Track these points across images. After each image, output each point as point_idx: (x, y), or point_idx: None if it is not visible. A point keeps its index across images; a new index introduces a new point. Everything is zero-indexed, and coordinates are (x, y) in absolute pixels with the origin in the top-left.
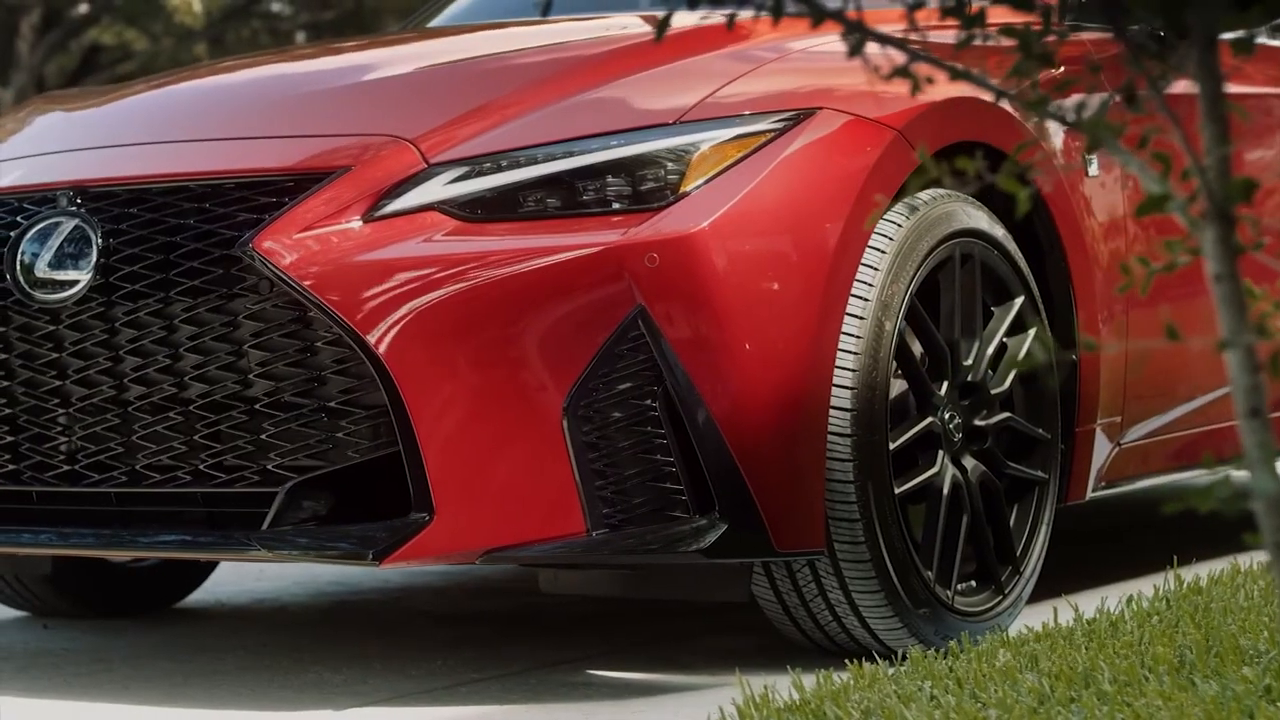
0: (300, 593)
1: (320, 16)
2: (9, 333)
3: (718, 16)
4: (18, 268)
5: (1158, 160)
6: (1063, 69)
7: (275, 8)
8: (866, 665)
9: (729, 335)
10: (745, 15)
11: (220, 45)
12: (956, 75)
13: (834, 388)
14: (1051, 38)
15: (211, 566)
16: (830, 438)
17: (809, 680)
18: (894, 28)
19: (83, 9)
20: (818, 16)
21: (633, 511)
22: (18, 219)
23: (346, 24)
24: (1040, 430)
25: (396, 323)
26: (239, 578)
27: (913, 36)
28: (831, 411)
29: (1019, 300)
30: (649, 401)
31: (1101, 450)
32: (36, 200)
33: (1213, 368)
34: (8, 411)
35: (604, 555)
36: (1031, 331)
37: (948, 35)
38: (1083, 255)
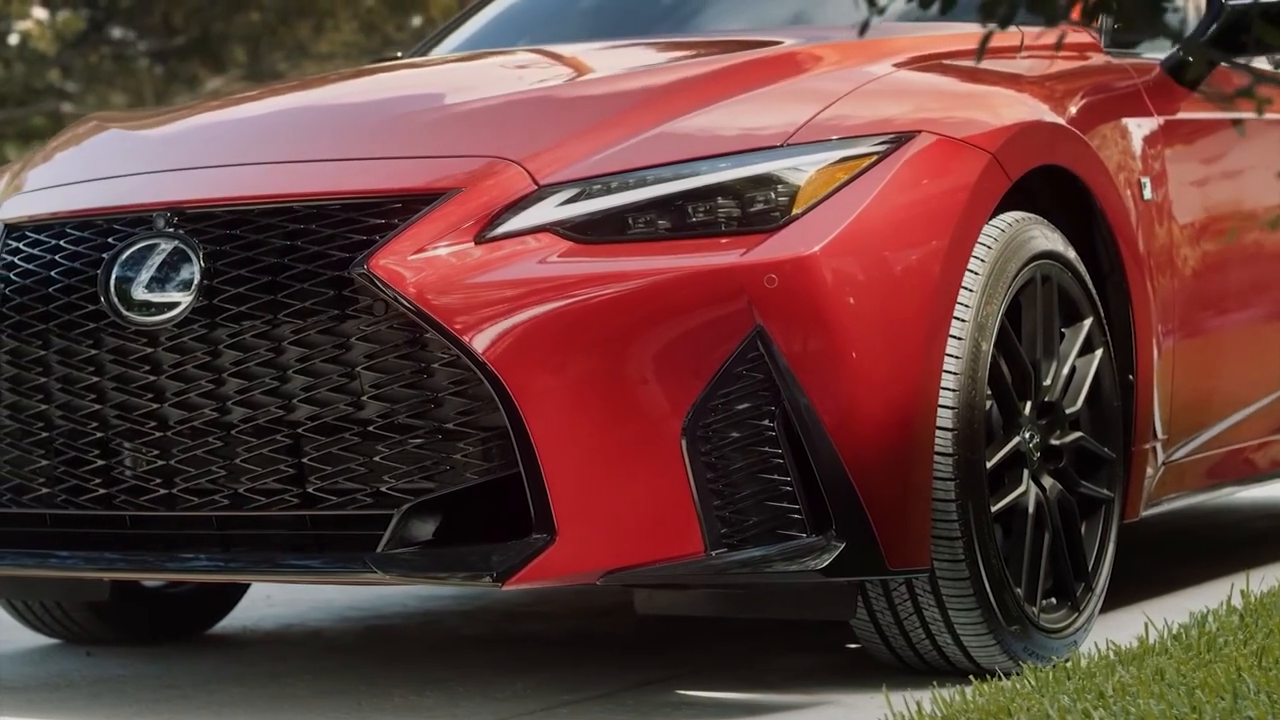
0: (324, 618)
1: (168, 44)
2: (101, 356)
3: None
4: (112, 290)
5: None
6: None
7: (117, 34)
8: (1000, 682)
9: (845, 355)
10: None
11: (69, 72)
12: None
13: (938, 407)
14: None
15: (242, 592)
16: (934, 457)
17: (896, 697)
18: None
19: None
20: (1173, 37)
21: (748, 531)
22: (109, 240)
23: (194, 50)
24: (1106, 449)
25: (515, 344)
26: (251, 603)
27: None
28: (935, 431)
29: (1088, 321)
30: (766, 421)
31: (1153, 469)
32: (128, 222)
33: (1243, 387)
34: (99, 435)
35: (723, 575)
36: (1098, 352)
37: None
38: (1141, 276)
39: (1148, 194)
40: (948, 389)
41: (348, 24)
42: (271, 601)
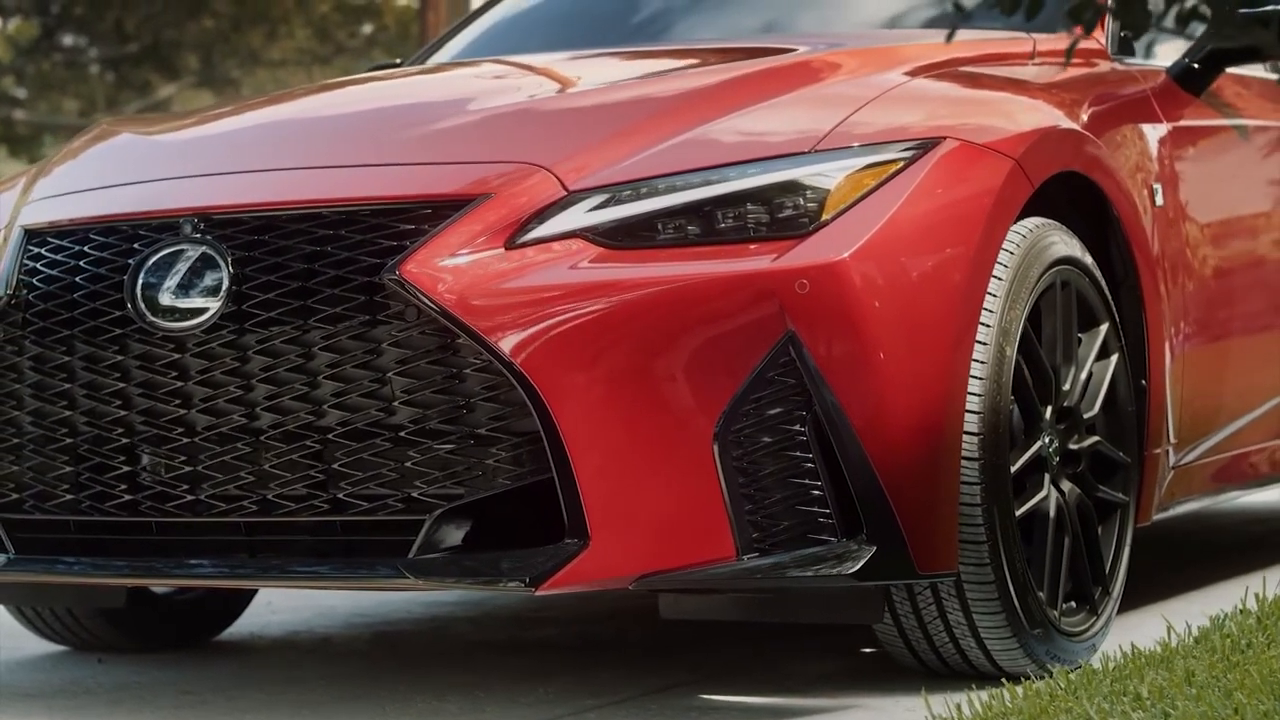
0: (330, 624)
1: (120, 51)
2: (127, 361)
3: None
4: (139, 296)
5: None
6: None
7: (69, 41)
8: (1034, 684)
9: (876, 360)
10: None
11: (21, 78)
12: None
13: (964, 412)
14: None
15: (249, 598)
16: (960, 461)
17: (935, 700)
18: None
19: None
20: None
21: (779, 536)
22: (135, 246)
23: (146, 57)
24: (1121, 454)
25: (547, 349)
26: (254, 610)
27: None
28: (962, 435)
29: (1104, 326)
30: (797, 426)
31: (1164, 474)
32: (155, 227)
33: (1249, 392)
34: (124, 441)
35: (754, 580)
36: (1114, 357)
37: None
38: (1154, 281)
39: (1159, 199)
40: (974, 394)
41: (301, 30)
42: (274, 608)
